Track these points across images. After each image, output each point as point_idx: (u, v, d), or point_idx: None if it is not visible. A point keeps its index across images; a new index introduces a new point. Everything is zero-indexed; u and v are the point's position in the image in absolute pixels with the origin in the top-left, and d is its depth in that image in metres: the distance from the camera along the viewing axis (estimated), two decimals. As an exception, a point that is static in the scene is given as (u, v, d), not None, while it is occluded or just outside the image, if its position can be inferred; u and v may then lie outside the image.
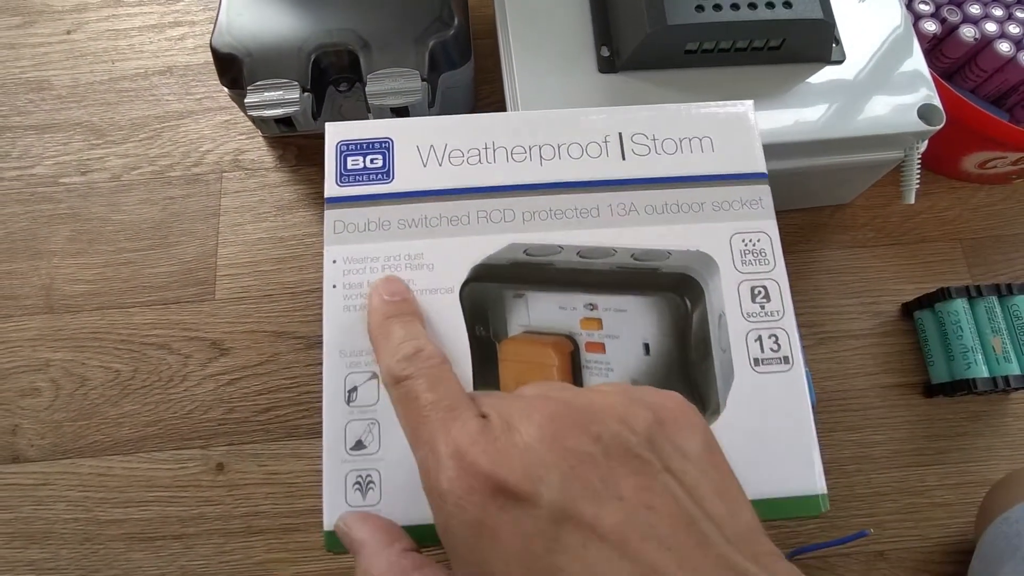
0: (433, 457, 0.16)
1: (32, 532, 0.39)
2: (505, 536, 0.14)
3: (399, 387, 0.19)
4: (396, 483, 0.22)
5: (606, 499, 0.14)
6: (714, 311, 0.24)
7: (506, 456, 0.15)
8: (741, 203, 0.26)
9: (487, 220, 0.25)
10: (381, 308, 0.22)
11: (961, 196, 0.47)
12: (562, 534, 0.14)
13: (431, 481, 0.16)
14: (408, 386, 0.18)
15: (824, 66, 0.37)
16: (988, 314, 0.40)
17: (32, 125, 0.48)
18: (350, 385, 0.23)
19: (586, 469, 0.15)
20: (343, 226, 0.25)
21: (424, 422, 0.17)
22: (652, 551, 0.14)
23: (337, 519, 0.21)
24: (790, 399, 0.23)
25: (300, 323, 0.43)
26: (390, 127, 0.26)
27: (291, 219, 0.45)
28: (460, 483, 0.15)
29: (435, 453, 0.16)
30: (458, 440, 0.16)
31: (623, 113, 0.27)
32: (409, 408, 0.18)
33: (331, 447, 0.22)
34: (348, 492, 0.22)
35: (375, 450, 0.22)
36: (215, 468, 0.40)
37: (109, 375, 0.42)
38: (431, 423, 0.17)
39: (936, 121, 0.36)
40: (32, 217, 0.45)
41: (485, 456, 0.15)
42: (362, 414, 0.23)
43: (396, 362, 0.19)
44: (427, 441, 0.17)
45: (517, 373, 0.23)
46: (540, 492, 0.14)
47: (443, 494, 0.15)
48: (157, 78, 0.49)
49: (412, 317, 0.22)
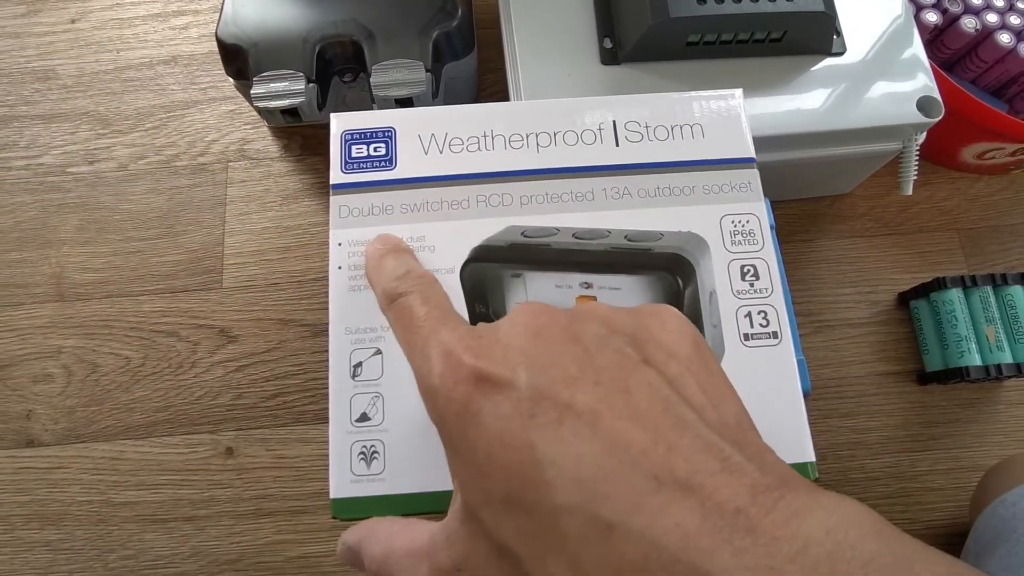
0: (425, 360, 0.17)
1: (48, 514, 0.40)
2: (486, 419, 0.15)
3: (394, 305, 0.20)
4: (400, 453, 0.23)
5: (582, 383, 0.15)
6: (705, 289, 0.25)
7: (488, 349, 0.16)
8: (731, 187, 0.27)
9: (486, 204, 0.26)
10: (375, 250, 0.23)
11: (959, 186, 0.47)
12: (538, 412, 0.14)
13: (423, 382, 0.17)
14: (402, 302, 0.19)
15: (825, 58, 0.37)
16: (982, 303, 0.40)
17: (39, 115, 0.48)
18: (355, 360, 0.24)
19: (564, 359, 0.15)
20: (348, 211, 0.26)
21: (418, 331, 0.18)
22: (626, 429, 0.14)
23: (338, 544, 0.21)
24: (779, 372, 0.24)
25: (306, 311, 0.44)
26: (392, 117, 0.27)
27: (296, 208, 0.46)
28: (447, 378, 0.16)
29: (426, 356, 0.17)
30: (446, 342, 0.17)
31: (617, 102, 0.28)
32: (404, 321, 0.19)
33: (337, 420, 0.24)
34: (353, 462, 0.23)
35: (379, 422, 0.23)
36: (225, 452, 0.41)
37: (120, 362, 0.42)
38: (424, 331, 0.18)
39: (935, 113, 0.36)
40: (41, 206, 0.46)
41: (469, 352, 0.16)
42: (366, 388, 0.24)
43: (389, 282, 0.20)
44: (420, 348, 0.17)
45: None
46: (518, 376, 0.15)
47: (435, 390, 0.16)
48: (162, 67, 0.49)
49: (404, 252, 0.23)
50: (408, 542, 0.18)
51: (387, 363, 0.24)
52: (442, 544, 0.16)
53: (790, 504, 0.13)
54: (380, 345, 0.24)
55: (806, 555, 0.12)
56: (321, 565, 0.39)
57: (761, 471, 0.14)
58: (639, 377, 0.15)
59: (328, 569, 0.39)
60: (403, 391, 0.24)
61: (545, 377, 0.15)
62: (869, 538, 0.12)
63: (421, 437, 0.23)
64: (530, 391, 0.15)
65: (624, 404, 0.15)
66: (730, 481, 0.13)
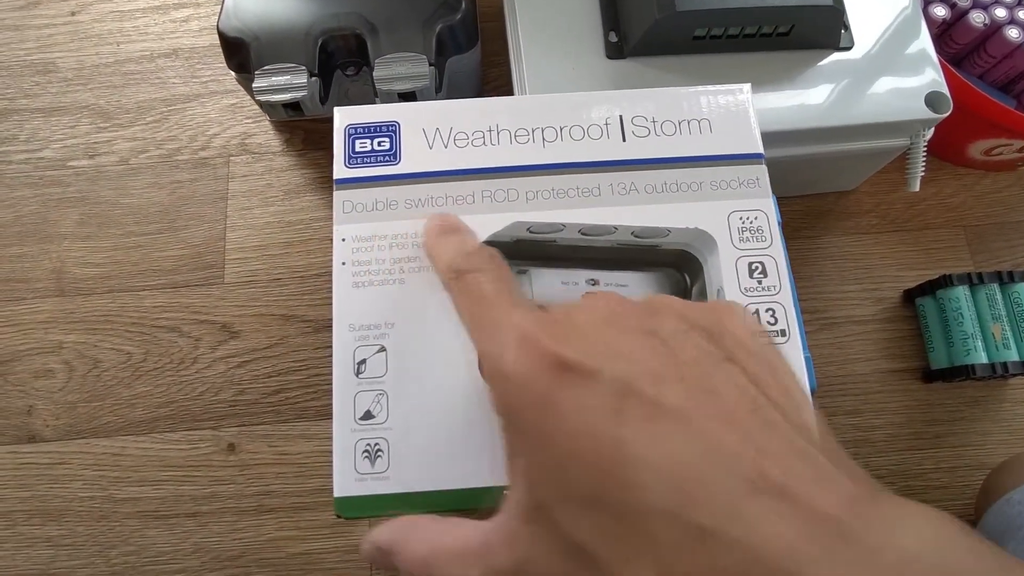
0: (495, 343, 0.16)
1: (49, 510, 0.40)
2: (569, 411, 0.14)
3: (461, 280, 0.19)
4: (404, 451, 0.23)
5: (667, 380, 0.14)
6: (712, 286, 0.25)
7: (569, 337, 0.15)
8: (739, 183, 0.27)
9: (491, 200, 0.26)
10: (436, 226, 0.23)
11: (966, 183, 0.47)
12: (625, 407, 0.14)
13: (494, 365, 0.16)
14: (471, 279, 0.19)
15: (833, 52, 0.37)
16: (989, 301, 0.40)
17: (39, 108, 0.48)
18: (359, 358, 0.24)
19: (646, 353, 0.15)
20: (352, 206, 0.25)
21: (487, 311, 0.17)
22: (716, 429, 0.13)
23: (362, 543, 0.21)
24: None
25: (308, 307, 0.43)
26: (397, 111, 0.27)
27: (298, 203, 0.45)
28: (525, 364, 0.15)
29: (497, 339, 0.16)
30: (521, 325, 0.16)
31: (623, 97, 0.28)
32: (471, 299, 0.18)
33: (340, 417, 0.23)
34: (357, 460, 0.23)
35: (383, 420, 0.23)
36: (226, 448, 0.41)
37: (121, 357, 0.42)
38: (494, 312, 0.17)
39: (943, 109, 0.36)
40: (41, 201, 0.46)
41: (549, 337, 0.15)
42: (370, 385, 0.24)
43: (456, 257, 0.20)
44: (489, 328, 0.17)
45: None
46: (602, 368, 0.14)
47: (508, 375, 0.15)
48: (163, 60, 0.49)
49: (466, 231, 0.23)
50: (455, 542, 0.17)
51: (391, 360, 0.24)
52: (500, 544, 0.15)
53: (885, 514, 0.13)
54: (384, 342, 0.24)
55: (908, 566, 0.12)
56: (323, 562, 0.39)
57: (852, 479, 0.13)
58: (723, 375, 0.15)
59: (330, 565, 0.39)
60: (408, 389, 0.24)
61: (630, 371, 0.14)
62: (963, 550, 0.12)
63: (426, 435, 0.23)
64: (616, 384, 0.14)
65: (712, 403, 0.14)
66: (825, 489, 0.13)
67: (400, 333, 0.24)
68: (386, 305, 0.24)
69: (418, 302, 0.24)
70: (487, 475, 0.23)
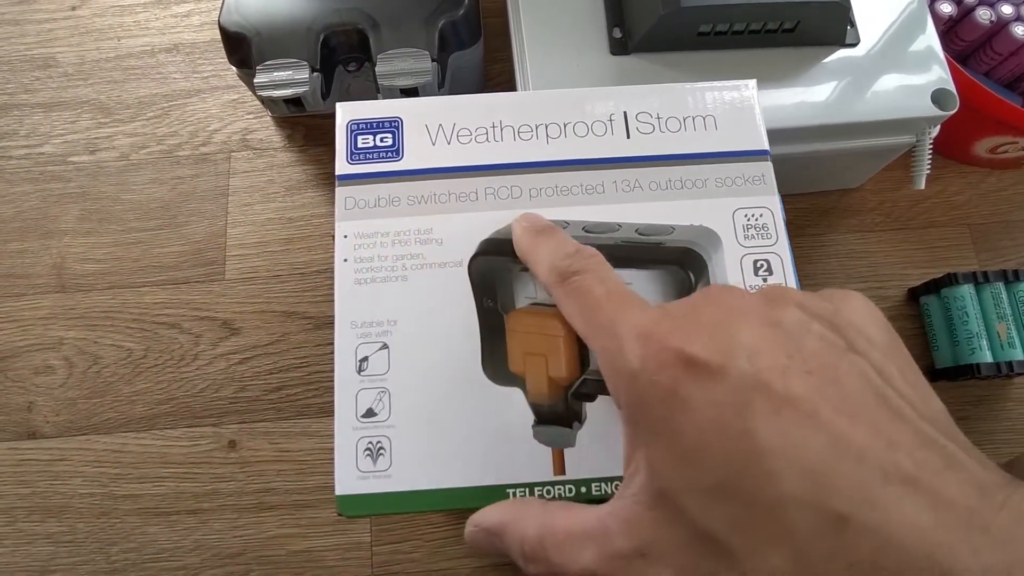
0: (616, 341, 0.16)
1: (49, 506, 0.39)
2: (698, 405, 0.14)
3: (568, 283, 0.19)
4: (407, 449, 0.23)
5: (794, 372, 0.14)
6: (717, 284, 0.25)
7: (693, 332, 0.15)
8: (744, 179, 0.26)
9: (495, 197, 0.26)
10: (529, 227, 0.23)
11: (971, 181, 0.46)
12: (754, 401, 0.14)
13: (618, 363, 0.16)
14: (578, 281, 0.19)
15: (838, 49, 0.36)
16: (994, 300, 0.40)
17: (39, 103, 0.47)
18: (361, 355, 0.24)
19: (770, 345, 0.15)
20: (354, 202, 0.25)
21: (601, 311, 0.18)
22: (845, 423, 0.14)
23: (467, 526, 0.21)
24: None
25: (309, 303, 0.43)
26: (399, 107, 0.27)
27: (300, 199, 0.45)
28: (652, 360, 0.15)
29: (618, 337, 0.16)
30: (641, 323, 0.16)
31: (628, 92, 0.28)
32: (582, 300, 0.19)
33: (342, 415, 0.23)
34: (359, 458, 0.23)
35: (385, 418, 0.23)
36: (227, 445, 0.40)
37: (122, 354, 0.42)
38: (609, 311, 0.17)
39: (950, 106, 0.35)
40: (42, 196, 0.45)
41: (674, 333, 0.15)
42: (372, 383, 0.23)
43: (560, 260, 0.20)
44: (607, 328, 0.17)
45: (524, 343, 0.24)
46: (729, 363, 0.15)
47: (635, 373, 0.16)
48: (163, 56, 0.49)
49: (559, 230, 0.23)
50: (570, 523, 0.17)
51: (394, 358, 0.24)
52: (620, 528, 0.16)
53: (1017, 503, 0.13)
54: (386, 340, 0.24)
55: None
56: (324, 560, 0.39)
57: (983, 467, 0.13)
58: (848, 366, 0.15)
59: (331, 563, 0.38)
60: (410, 386, 0.23)
61: (756, 364, 0.15)
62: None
63: (429, 433, 0.23)
64: (744, 378, 0.14)
65: (838, 395, 0.14)
66: (956, 478, 0.13)
67: (403, 330, 0.24)
68: (389, 302, 0.24)
69: (421, 299, 0.24)
70: (490, 474, 0.23)
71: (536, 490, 0.22)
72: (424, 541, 0.39)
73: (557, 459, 0.23)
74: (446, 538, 0.39)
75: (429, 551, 0.39)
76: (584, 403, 0.24)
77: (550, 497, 0.22)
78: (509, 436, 0.23)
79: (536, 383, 0.24)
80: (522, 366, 0.24)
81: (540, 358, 0.24)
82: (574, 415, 0.24)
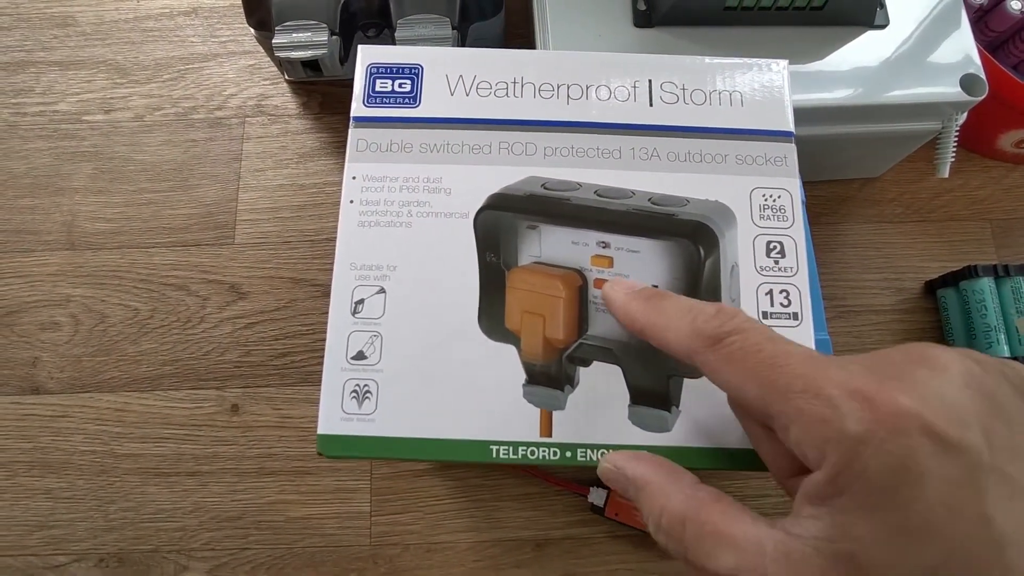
0: (823, 403, 0.15)
1: (50, 462, 0.39)
2: (932, 481, 0.14)
3: (722, 345, 0.17)
4: (393, 396, 0.23)
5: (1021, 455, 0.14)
6: (727, 262, 0.25)
7: (928, 398, 0.14)
8: (765, 159, 0.26)
9: (508, 152, 0.25)
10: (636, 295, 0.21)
11: (994, 175, 0.46)
12: (989, 485, 0.13)
13: (832, 428, 0.15)
14: (740, 340, 0.17)
15: (867, 30, 0.36)
16: (1014, 294, 0.39)
17: (56, 61, 0.47)
18: (357, 297, 0.24)
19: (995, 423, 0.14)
20: (366, 145, 0.25)
21: (783, 371, 0.16)
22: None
23: (602, 460, 0.20)
24: None
25: (318, 271, 0.43)
26: (421, 54, 0.26)
27: (313, 167, 0.45)
28: (881, 425, 0.14)
29: (825, 398, 0.15)
30: (853, 382, 0.15)
31: (655, 61, 0.27)
32: (753, 361, 0.17)
33: (332, 355, 0.23)
34: (345, 400, 0.23)
35: (375, 361, 0.23)
36: (230, 409, 0.40)
37: (128, 313, 0.42)
38: (798, 369, 0.16)
39: (978, 92, 0.35)
40: (55, 153, 0.45)
41: (906, 397, 0.14)
42: (366, 326, 0.23)
43: (704, 322, 0.18)
44: (803, 388, 0.15)
45: (524, 301, 0.24)
46: (967, 439, 0.14)
47: (858, 437, 0.14)
48: (182, 18, 0.48)
49: (672, 293, 0.21)
50: (722, 521, 0.16)
51: (390, 303, 0.23)
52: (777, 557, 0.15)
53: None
54: (384, 284, 0.24)
55: None
56: (323, 527, 0.38)
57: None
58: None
59: (330, 531, 0.38)
60: (403, 333, 0.23)
61: (990, 443, 0.14)
62: None
63: (416, 382, 0.23)
64: (979, 458, 0.14)
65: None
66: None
67: (401, 277, 0.24)
68: (390, 247, 0.24)
69: (423, 247, 0.24)
70: (474, 428, 0.22)
71: (520, 449, 0.22)
72: (424, 513, 0.38)
73: (544, 420, 0.23)
74: (445, 511, 0.38)
75: (429, 523, 0.38)
76: (578, 368, 0.23)
77: (533, 459, 0.22)
78: (498, 393, 0.23)
79: (531, 342, 0.23)
80: (519, 324, 0.23)
81: (538, 317, 0.23)
82: (566, 378, 0.23)
